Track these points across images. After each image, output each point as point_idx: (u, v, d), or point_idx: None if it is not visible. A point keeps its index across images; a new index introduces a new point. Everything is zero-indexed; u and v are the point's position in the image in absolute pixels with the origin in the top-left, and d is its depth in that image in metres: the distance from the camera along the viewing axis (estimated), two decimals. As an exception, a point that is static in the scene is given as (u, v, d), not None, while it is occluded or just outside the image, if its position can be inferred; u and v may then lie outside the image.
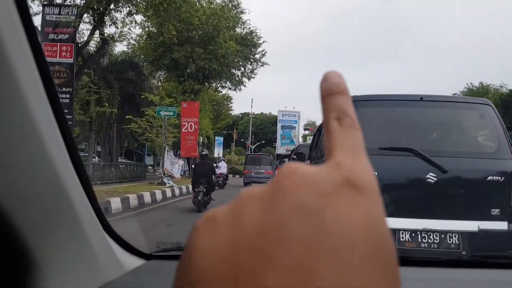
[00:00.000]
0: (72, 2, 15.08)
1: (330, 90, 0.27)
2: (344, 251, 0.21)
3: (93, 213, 0.87)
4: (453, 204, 4.00)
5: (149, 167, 31.07)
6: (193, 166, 15.42)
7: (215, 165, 16.01)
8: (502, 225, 3.95)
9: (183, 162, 25.32)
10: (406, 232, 3.96)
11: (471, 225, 3.90)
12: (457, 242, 3.91)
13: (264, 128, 73.64)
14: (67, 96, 12.93)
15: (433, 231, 3.92)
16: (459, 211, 3.97)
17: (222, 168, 20.88)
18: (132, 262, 1.09)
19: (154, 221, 8.91)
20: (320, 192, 0.22)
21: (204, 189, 10.58)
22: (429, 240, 3.95)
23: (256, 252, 0.22)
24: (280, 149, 43.57)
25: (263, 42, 27.80)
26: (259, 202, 0.23)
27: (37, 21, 14.32)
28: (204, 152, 12.53)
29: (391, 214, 3.98)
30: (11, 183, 0.62)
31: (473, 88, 35.94)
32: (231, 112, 47.94)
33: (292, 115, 47.43)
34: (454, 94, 36.13)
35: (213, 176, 11.42)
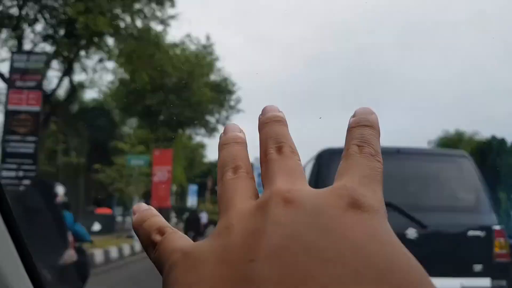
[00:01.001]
0: (41, 49, 14.97)
1: (357, 123, 0.27)
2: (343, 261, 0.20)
3: None
4: (434, 260, 3.84)
5: (119, 217, 30.12)
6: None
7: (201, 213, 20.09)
8: (485, 282, 3.87)
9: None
10: (387, 293, 3.74)
11: (454, 283, 3.79)
12: (441, 302, 3.70)
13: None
14: (32, 145, 12.51)
15: (416, 291, 3.72)
16: (440, 268, 3.81)
17: (204, 218, 23.13)
18: None
19: (121, 278, 8.47)
20: (319, 223, 0.22)
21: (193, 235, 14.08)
22: (411, 301, 3.74)
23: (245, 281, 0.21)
24: (257, 196, 43.14)
25: (238, 89, 28.19)
26: (250, 234, 0.22)
27: (4, 67, 14.07)
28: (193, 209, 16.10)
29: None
30: None
31: (448, 136, 37.05)
32: (205, 160, 47.72)
33: (267, 162, 47.54)
34: (430, 141, 37.09)
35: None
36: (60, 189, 4.94)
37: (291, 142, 0.27)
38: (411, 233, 3.92)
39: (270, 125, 0.28)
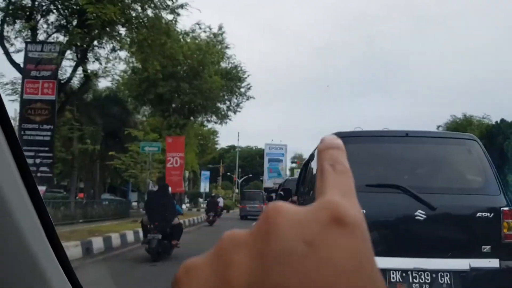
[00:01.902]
0: (55, 39, 15.13)
1: (326, 146, 0.29)
2: None
3: (65, 276, 0.78)
4: (443, 242, 3.91)
5: (134, 203, 30.54)
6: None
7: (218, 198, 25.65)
8: (494, 263, 3.87)
9: (167, 197, 24.92)
10: (397, 272, 3.83)
11: (463, 264, 3.81)
12: (449, 281, 3.79)
13: (251, 161, 73.58)
14: (48, 133, 12.75)
15: (424, 271, 3.81)
16: (449, 249, 3.87)
17: (221, 202, 28.90)
18: None
19: (137, 261, 8.67)
20: (305, 236, 0.23)
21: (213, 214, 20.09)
22: (420, 280, 3.83)
23: None
24: (268, 182, 43.49)
25: (248, 76, 28.13)
26: (244, 248, 0.24)
27: (19, 58, 14.28)
28: (213, 194, 21.40)
29: (380, 253, 3.85)
30: None
31: (457, 120, 36.61)
32: (217, 146, 47.89)
33: (279, 148, 47.69)
34: (439, 126, 36.74)
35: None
36: (170, 187, 10.31)
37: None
38: (420, 215, 3.93)
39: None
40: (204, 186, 41.80)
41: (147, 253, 8.75)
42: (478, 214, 3.94)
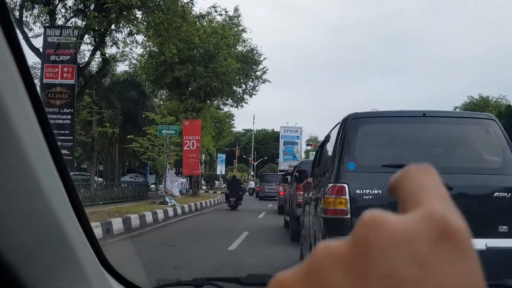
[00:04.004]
0: (73, 24, 15.26)
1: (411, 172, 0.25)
2: None
3: (91, 250, 0.84)
4: (460, 221, 3.90)
5: (152, 185, 30.91)
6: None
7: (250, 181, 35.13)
8: (510, 243, 3.85)
9: (184, 180, 25.21)
10: (413, 251, 3.86)
11: (479, 243, 3.79)
12: (465, 261, 3.80)
13: (266, 144, 73.58)
14: (68, 117, 12.97)
15: (440, 250, 3.83)
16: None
17: (252, 184, 38.24)
18: None
19: (156, 241, 8.85)
20: (415, 257, 0.20)
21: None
22: (436, 260, 3.85)
23: None
24: (283, 165, 43.59)
25: (264, 59, 27.95)
26: (342, 268, 0.20)
27: (38, 43, 14.47)
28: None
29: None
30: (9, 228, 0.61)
31: (474, 101, 35.96)
32: (233, 129, 47.95)
33: (294, 131, 47.57)
34: (456, 107, 36.15)
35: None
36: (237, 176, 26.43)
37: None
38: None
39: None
40: (220, 169, 42.14)
41: (229, 207, 18.60)
42: (496, 194, 3.92)
